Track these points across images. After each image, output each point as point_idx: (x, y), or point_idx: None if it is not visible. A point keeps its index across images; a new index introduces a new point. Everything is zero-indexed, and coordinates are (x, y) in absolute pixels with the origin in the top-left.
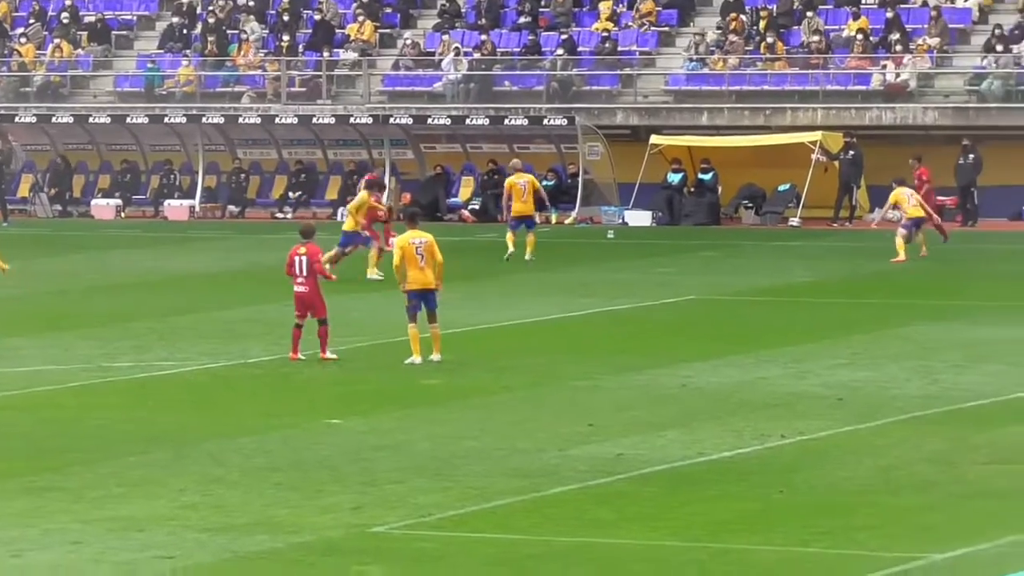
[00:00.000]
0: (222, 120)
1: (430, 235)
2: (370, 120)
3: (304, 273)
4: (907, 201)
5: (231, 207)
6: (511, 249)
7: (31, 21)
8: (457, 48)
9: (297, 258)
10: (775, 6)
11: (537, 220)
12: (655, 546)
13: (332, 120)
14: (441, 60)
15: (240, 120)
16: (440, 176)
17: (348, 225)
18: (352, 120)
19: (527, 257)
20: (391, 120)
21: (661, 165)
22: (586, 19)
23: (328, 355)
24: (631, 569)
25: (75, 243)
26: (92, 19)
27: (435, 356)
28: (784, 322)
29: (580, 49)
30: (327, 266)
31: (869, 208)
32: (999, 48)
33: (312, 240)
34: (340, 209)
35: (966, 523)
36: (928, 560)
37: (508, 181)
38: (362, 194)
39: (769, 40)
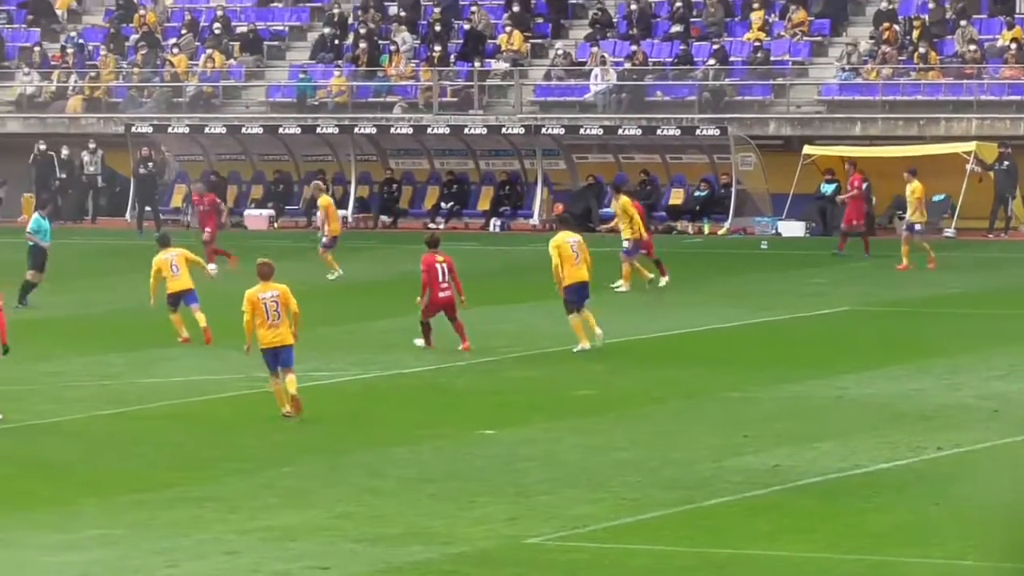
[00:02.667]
0: (374, 130)
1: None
2: (522, 130)
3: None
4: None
5: (383, 217)
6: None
7: (183, 32)
8: (603, 58)
9: (439, 266)
10: (928, 16)
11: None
12: (811, 558)
13: (484, 130)
14: (591, 71)
15: (392, 130)
16: (593, 186)
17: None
18: (504, 130)
19: None
20: (543, 130)
21: (814, 175)
22: (738, 29)
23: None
24: None
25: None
26: (244, 29)
27: (598, 331)
28: (938, 333)
29: (732, 59)
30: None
31: None
32: None
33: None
34: (492, 220)
35: None
36: None
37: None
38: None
39: (922, 50)
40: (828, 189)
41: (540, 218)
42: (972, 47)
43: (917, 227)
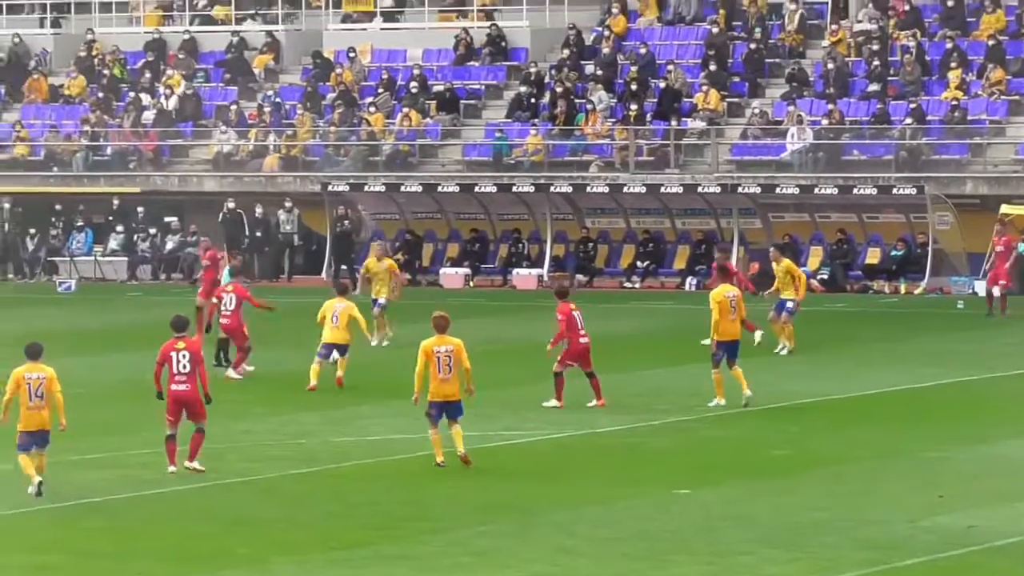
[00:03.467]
0: (570, 189)
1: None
2: (718, 189)
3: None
4: None
5: (579, 276)
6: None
7: (380, 90)
8: (800, 116)
9: (575, 314)
10: None
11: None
12: None
13: (680, 189)
14: (787, 129)
15: (588, 189)
16: (788, 246)
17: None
18: (700, 189)
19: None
20: (739, 189)
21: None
22: (935, 88)
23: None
24: None
25: (423, 312)
26: (440, 88)
27: (747, 392)
28: None
29: (929, 118)
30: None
31: None
32: None
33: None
34: (688, 279)
35: None
36: None
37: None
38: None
39: None
40: None
41: None
42: None
43: None
